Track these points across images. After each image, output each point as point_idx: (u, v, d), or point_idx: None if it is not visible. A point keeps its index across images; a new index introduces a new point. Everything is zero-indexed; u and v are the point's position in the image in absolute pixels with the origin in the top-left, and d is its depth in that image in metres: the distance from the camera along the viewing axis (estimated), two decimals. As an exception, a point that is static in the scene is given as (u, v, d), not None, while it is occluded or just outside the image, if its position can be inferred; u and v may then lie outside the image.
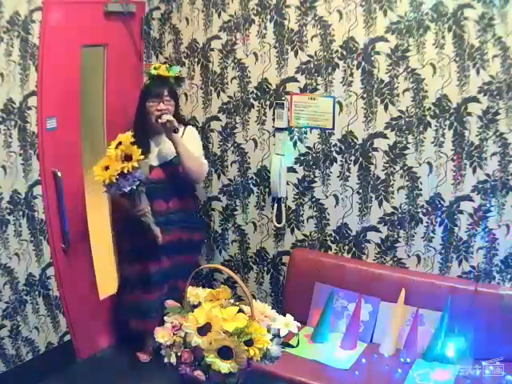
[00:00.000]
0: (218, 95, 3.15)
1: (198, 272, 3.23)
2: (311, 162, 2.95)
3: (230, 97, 3.11)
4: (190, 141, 2.82)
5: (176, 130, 2.69)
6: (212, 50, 3.10)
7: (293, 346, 1.63)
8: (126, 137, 2.56)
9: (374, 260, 2.90)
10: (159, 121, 2.68)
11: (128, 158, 2.54)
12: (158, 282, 2.86)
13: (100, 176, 2.56)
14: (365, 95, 2.72)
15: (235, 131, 3.15)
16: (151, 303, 2.85)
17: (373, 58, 2.66)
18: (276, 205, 3.09)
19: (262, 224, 3.19)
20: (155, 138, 2.82)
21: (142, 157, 2.57)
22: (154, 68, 2.80)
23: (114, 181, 2.53)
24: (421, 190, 2.69)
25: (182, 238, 2.91)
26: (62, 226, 2.85)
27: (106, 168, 2.55)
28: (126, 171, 2.51)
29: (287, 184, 3.04)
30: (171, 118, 2.68)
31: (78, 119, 2.92)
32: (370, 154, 2.78)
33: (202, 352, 1.43)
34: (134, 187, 2.57)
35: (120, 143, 2.55)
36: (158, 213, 2.79)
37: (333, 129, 2.84)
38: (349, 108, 2.78)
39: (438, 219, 2.69)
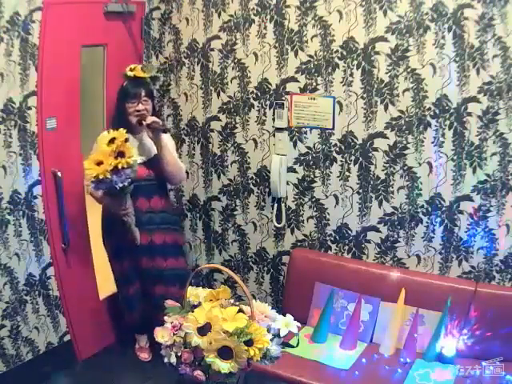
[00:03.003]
0: (218, 95, 3.15)
1: (198, 272, 3.23)
2: (311, 162, 2.95)
3: (230, 97, 3.11)
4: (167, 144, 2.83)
5: (166, 131, 2.71)
6: (212, 50, 3.10)
7: (293, 346, 1.63)
8: (121, 133, 2.51)
9: (374, 260, 2.90)
10: (144, 123, 2.68)
11: (121, 154, 2.51)
12: (134, 277, 2.93)
13: (93, 170, 2.47)
14: (365, 95, 2.72)
15: (235, 131, 3.15)
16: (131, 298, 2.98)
17: (373, 58, 2.66)
18: (276, 205, 3.09)
19: (262, 224, 3.19)
20: (135, 136, 2.80)
21: (135, 154, 2.57)
22: (130, 69, 2.80)
23: (108, 176, 2.49)
24: (421, 190, 2.70)
25: (166, 241, 2.90)
26: (62, 226, 2.85)
27: (99, 163, 2.48)
28: (120, 167, 2.48)
29: (287, 184, 3.04)
30: (156, 119, 2.69)
31: (78, 119, 2.92)
32: (370, 154, 2.78)
33: (202, 352, 1.43)
34: (126, 184, 2.55)
35: (113, 139, 2.52)
36: (140, 211, 2.80)
37: (333, 129, 2.84)
38: (349, 108, 2.78)
39: (438, 219, 2.69)
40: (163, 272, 2.90)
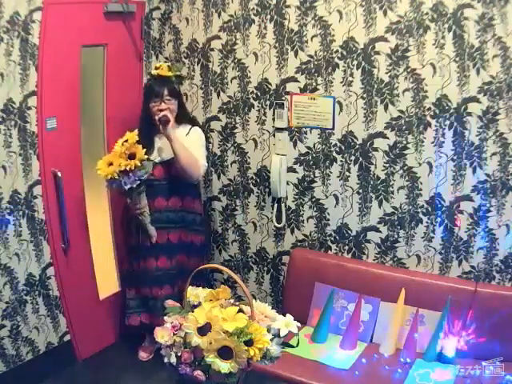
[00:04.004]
0: (218, 95, 3.15)
1: (198, 272, 3.23)
2: (311, 162, 2.95)
3: (230, 97, 3.11)
4: (192, 140, 2.84)
5: (168, 120, 2.70)
6: (212, 49, 3.10)
7: (293, 346, 1.63)
8: (133, 135, 2.60)
9: (374, 260, 2.90)
10: (156, 117, 2.72)
11: (132, 156, 2.57)
12: (156, 280, 2.89)
13: (102, 171, 2.60)
14: (365, 95, 2.72)
15: (235, 131, 3.15)
16: (145, 300, 2.96)
17: (373, 58, 2.66)
18: (276, 205, 3.09)
19: (262, 224, 3.19)
20: (159, 136, 2.84)
21: (146, 156, 2.61)
22: (156, 68, 2.83)
23: (116, 177, 2.56)
24: (421, 190, 2.70)
25: (182, 240, 2.93)
26: (62, 226, 2.85)
27: (110, 164, 2.60)
28: (128, 169, 2.53)
29: (287, 184, 3.04)
30: (166, 113, 2.71)
31: (78, 119, 2.92)
32: (370, 154, 2.78)
33: (201, 352, 1.43)
34: (134, 186, 2.60)
35: (126, 141, 2.58)
36: (158, 210, 2.83)
37: (333, 129, 2.84)
38: (349, 108, 2.78)
39: (438, 219, 2.69)
40: (178, 270, 2.91)
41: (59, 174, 2.78)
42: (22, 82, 2.59)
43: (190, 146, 2.78)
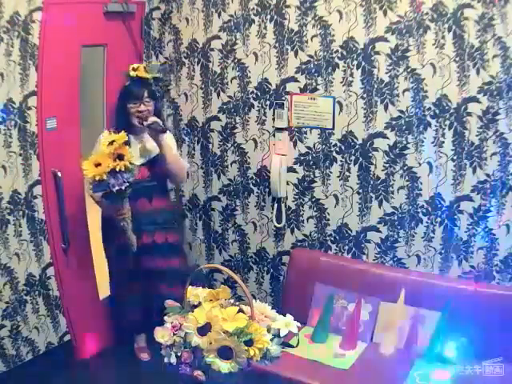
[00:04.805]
0: (218, 95, 3.15)
1: (198, 272, 3.23)
2: (311, 162, 2.95)
3: (230, 97, 3.11)
4: (168, 145, 2.83)
5: (163, 130, 2.70)
6: (212, 49, 3.10)
7: (293, 346, 1.63)
8: (120, 136, 2.53)
9: (374, 260, 2.90)
10: (144, 123, 2.69)
11: (120, 157, 2.52)
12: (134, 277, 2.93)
13: (90, 171, 2.48)
14: (365, 95, 2.72)
15: (235, 131, 3.15)
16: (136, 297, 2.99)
17: (373, 58, 2.66)
18: (276, 205, 3.09)
19: (262, 224, 3.19)
20: (136, 136, 2.81)
21: (137, 158, 2.59)
22: (133, 69, 2.78)
23: (105, 178, 2.48)
24: (421, 190, 2.70)
25: (167, 241, 2.92)
26: (62, 226, 2.85)
27: (97, 165, 2.49)
28: (117, 169, 2.49)
29: (287, 184, 3.04)
30: (157, 119, 2.69)
31: (78, 119, 2.92)
32: (370, 154, 2.78)
33: (201, 352, 1.43)
34: (123, 188, 2.53)
35: (113, 142, 2.52)
36: (142, 212, 2.80)
37: (333, 129, 2.84)
38: (349, 108, 2.78)
39: (438, 219, 2.69)
40: (164, 271, 2.91)
41: (59, 174, 2.78)
42: (22, 82, 2.59)
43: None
